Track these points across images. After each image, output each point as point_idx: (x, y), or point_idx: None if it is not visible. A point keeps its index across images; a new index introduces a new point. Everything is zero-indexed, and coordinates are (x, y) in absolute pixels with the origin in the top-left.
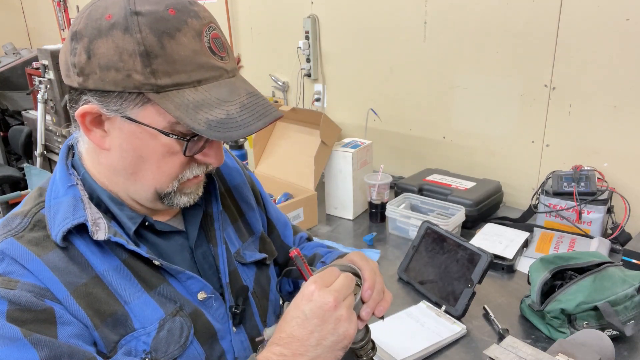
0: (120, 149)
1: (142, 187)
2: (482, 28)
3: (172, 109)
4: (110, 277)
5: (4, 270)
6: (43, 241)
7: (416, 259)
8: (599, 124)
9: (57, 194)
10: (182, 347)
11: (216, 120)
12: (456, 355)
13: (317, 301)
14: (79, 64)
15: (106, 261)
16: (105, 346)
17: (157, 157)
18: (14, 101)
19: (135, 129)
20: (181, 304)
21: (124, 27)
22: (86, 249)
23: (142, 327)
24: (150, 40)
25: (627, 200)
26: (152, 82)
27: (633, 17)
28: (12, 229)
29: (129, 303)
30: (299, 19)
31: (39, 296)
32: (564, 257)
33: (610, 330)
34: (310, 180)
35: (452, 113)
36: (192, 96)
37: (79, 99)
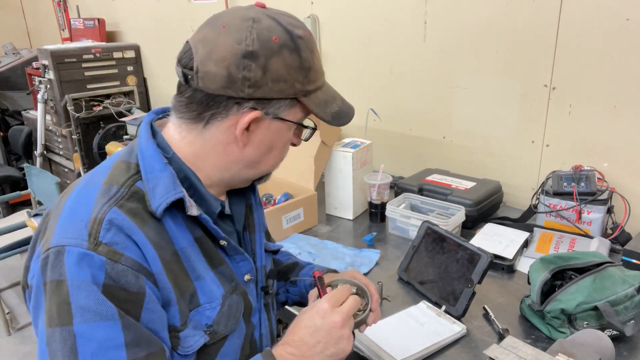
0: (258, 144)
1: (255, 172)
2: (482, 28)
3: (313, 107)
4: (186, 254)
5: (111, 239)
6: (140, 213)
7: (416, 259)
8: (599, 124)
9: (152, 169)
10: (236, 321)
11: (335, 112)
12: (456, 355)
13: (328, 319)
14: (253, 78)
15: (183, 238)
16: (179, 319)
17: (282, 146)
18: (14, 101)
19: (282, 125)
20: (235, 284)
21: (293, 47)
22: (172, 225)
23: (208, 302)
24: (308, 57)
25: (627, 200)
26: (306, 88)
27: (633, 17)
28: (112, 197)
29: (199, 279)
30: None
31: (137, 274)
32: (564, 257)
33: (610, 330)
34: (310, 180)
35: (452, 113)
36: (321, 96)
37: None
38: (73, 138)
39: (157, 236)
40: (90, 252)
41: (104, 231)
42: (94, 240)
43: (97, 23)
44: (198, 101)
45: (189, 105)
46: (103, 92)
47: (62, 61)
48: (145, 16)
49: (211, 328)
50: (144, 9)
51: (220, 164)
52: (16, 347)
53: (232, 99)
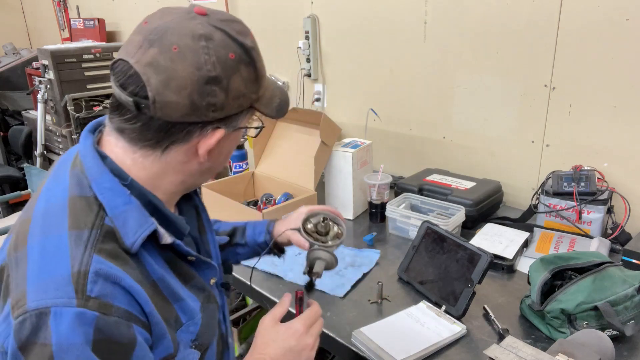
0: (217, 155)
1: (209, 177)
2: (482, 28)
3: (264, 109)
4: (163, 281)
5: (99, 292)
6: (119, 253)
7: (416, 259)
8: (599, 124)
9: (116, 204)
10: (215, 327)
11: (277, 105)
12: (456, 355)
13: (302, 342)
14: (218, 103)
15: (157, 264)
16: (172, 346)
17: (232, 148)
18: (14, 101)
19: (238, 133)
20: (207, 293)
21: (247, 62)
22: (147, 256)
23: (190, 319)
24: (261, 67)
25: (627, 200)
26: (258, 95)
27: (633, 17)
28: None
29: (178, 301)
30: (299, 19)
31: (128, 323)
32: (564, 257)
33: (610, 330)
34: (310, 180)
35: (452, 113)
36: (267, 94)
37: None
38: (73, 138)
39: (139, 274)
40: (82, 310)
41: (91, 284)
42: (82, 296)
43: (97, 23)
44: (156, 129)
45: (142, 132)
46: (103, 92)
47: (62, 61)
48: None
49: (197, 342)
50: (144, 9)
51: (177, 180)
52: None
53: (195, 124)
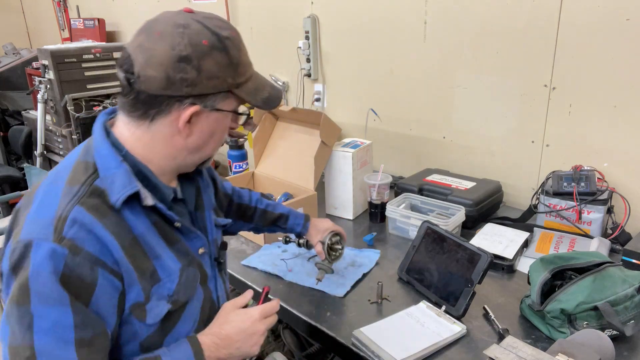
0: (200, 133)
1: (199, 157)
2: (482, 28)
3: (245, 96)
4: (144, 238)
5: (73, 235)
6: (100, 207)
7: (416, 259)
8: (599, 124)
9: (109, 167)
10: (194, 289)
11: (265, 97)
12: (456, 355)
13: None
14: (190, 79)
15: (141, 224)
16: (143, 295)
17: (221, 132)
18: (14, 101)
19: (219, 115)
20: (191, 257)
21: (221, 48)
22: (129, 214)
23: (167, 276)
24: (237, 55)
25: (627, 200)
26: (237, 81)
27: (633, 17)
28: (74, 196)
29: (157, 258)
30: (299, 19)
31: (93, 266)
32: (564, 257)
33: (610, 330)
34: (310, 180)
35: (452, 113)
36: (252, 86)
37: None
38: (73, 138)
39: (117, 226)
40: (55, 245)
41: (67, 227)
42: (58, 236)
43: (97, 23)
44: (142, 101)
45: (134, 105)
46: (103, 92)
47: (62, 61)
48: (145, 16)
49: (172, 297)
50: (144, 9)
51: (167, 153)
52: None
53: (173, 98)
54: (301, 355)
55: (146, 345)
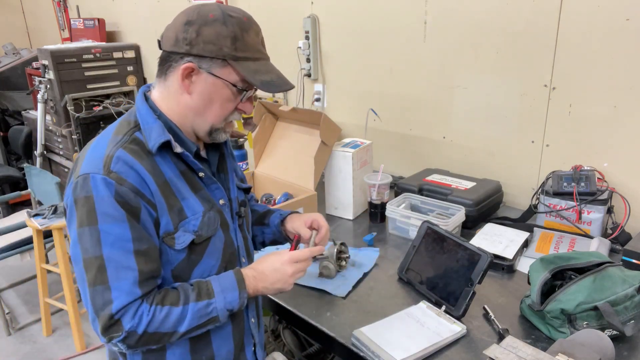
0: (200, 94)
1: (204, 122)
2: (482, 28)
3: (241, 70)
4: (173, 182)
5: (118, 169)
6: (139, 152)
7: (416, 259)
8: (599, 124)
9: (147, 121)
10: (214, 229)
11: (266, 81)
12: (456, 355)
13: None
14: (190, 38)
15: (171, 170)
16: (172, 226)
17: (221, 101)
18: (14, 101)
19: (215, 81)
20: (212, 204)
21: (223, 21)
22: (161, 161)
23: (193, 214)
24: (237, 31)
25: (627, 200)
26: (234, 54)
27: (633, 17)
28: (119, 141)
29: (184, 199)
30: (299, 19)
31: (135, 195)
32: (564, 257)
33: (610, 330)
34: (310, 180)
35: (452, 113)
36: (253, 66)
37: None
38: (73, 138)
39: (151, 167)
40: (105, 177)
41: (114, 164)
42: (107, 169)
43: (97, 23)
44: (162, 60)
45: (160, 65)
46: (103, 92)
47: (62, 61)
48: (145, 16)
49: (197, 232)
50: (144, 9)
51: (180, 111)
52: (16, 347)
53: (177, 54)
54: (301, 355)
55: (176, 274)
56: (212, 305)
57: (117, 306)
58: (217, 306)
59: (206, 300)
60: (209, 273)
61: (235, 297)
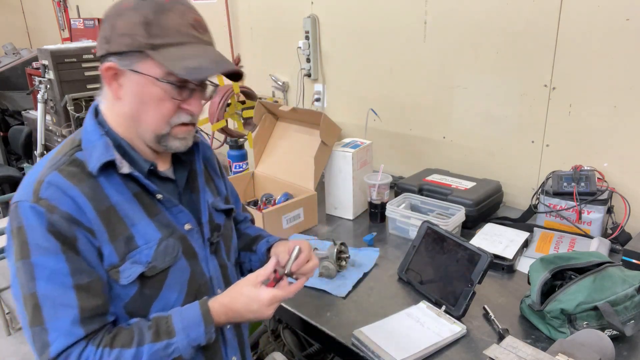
0: (129, 97)
1: (145, 130)
2: (482, 28)
3: (162, 60)
4: (122, 207)
5: (49, 196)
6: (78, 174)
7: (416, 259)
8: (599, 124)
9: (90, 140)
10: (173, 259)
11: (192, 66)
12: (456, 355)
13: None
14: (106, 35)
15: (120, 194)
16: (117, 256)
17: (154, 101)
18: (14, 101)
19: (139, 78)
20: (172, 230)
21: (134, 7)
22: (106, 184)
23: (145, 244)
24: (149, 15)
25: (627, 200)
26: (150, 42)
27: (633, 17)
28: (54, 164)
29: (135, 225)
30: (299, 19)
31: (70, 223)
32: (564, 257)
33: (610, 330)
34: (310, 180)
35: (452, 113)
36: (175, 52)
37: (104, 61)
38: None
39: (93, 192)
40: (33, 205)
41: (43, 190)
42: (36, 196)
43: (97, 23)
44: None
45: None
46: None
47: (62, 61)
48: None
49: (150, 263)
50: None
51: (122, 122)
52: (16, 347)
53: (102, 57)
54: (301, 355)
55: (130, 309)
56: (172, 346)
57: (56, 350)
58: (179, 346)
59: (165, 341)
60: (171, 308)
61: (200, 333)
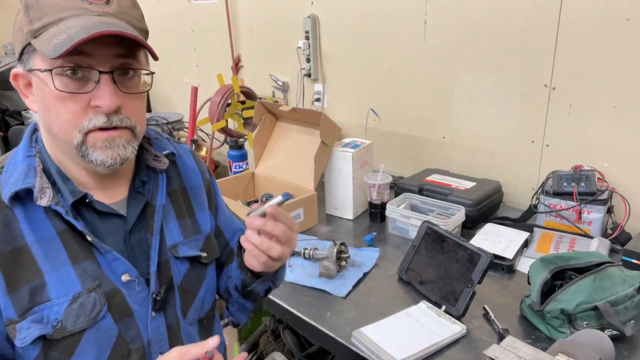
0: (38, 104)
1: (58, 140)
2: (482, 28)
3: (39, 46)
4: (38, 248)
5: None
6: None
7: (416, 259)
8: (599, 124)
9: (15, 161)
10: (91, 320)
11: (59, 42)
12: (456, 355)
13: None
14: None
15: (40, 231)
16: (15, 311)
17: (54, 103)
18: (14, 101)
19: (35, 78)
20: (100, 282)
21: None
22: (23, 218)
23: (57, 298)
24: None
25: (627, 200)
26: (31, 28)
27: (633, 17)
28: None
29: (49, 273)
30: (299, 19)
31: None
32: (564, 257)
33: (610, 330)
34: (310, 180)
35: (452, 113)
36: (52, 31)
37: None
38: None
39: (1, 227)
40: None
41: None
42: None
43: None
44: None
45: None
46: None
47: None
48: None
49: (60, 323)
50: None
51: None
52: None
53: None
54: (301, 355)
55: None
56: None
57: None
58: None
59: None
60: None
61: None
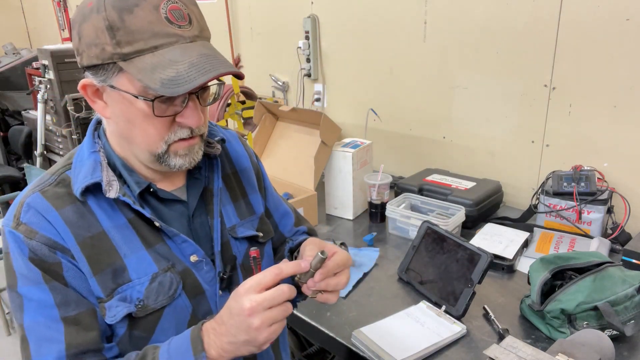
0: (116, 116)
1: (140, 150)
2: (482, 28)
3: (135, 73)
4: (114, 234)
5: (28, 220)
6: (63, 196)
7: (416, 259)
8: (599, 124)
9: (82, 157)
10: (170, 297)
11: (167, 78)
12: (456, 355)
13: (237, 304)
14: (76, 48)
15: (113, 219)
16: (102, 291)
17: (140, 120)
18: (14, 101)
19: (118, 95)
20: (173, 263)
21: (96, 8)
22: (97, 207)
23: (138, 278)
24: (112, 16)
25: (627, 200)
26: (119, 51)
27: (633, 17)
28: (41, 184)
29: (128, 257)
30: (299, 19)
31: (52, 249)
32: (564, 257)
33: (610, 330)
34: (310, 180)
35: (452, 113)
36: (150, 60)
37: (83, 76)
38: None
39: (76, 216)
40: (12, 230)
41: (23, 213)
42: (16, 220)
43: None
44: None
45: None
46: None
47: (62, 61)
48: None
49: (142, 302)
50: None
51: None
52: (16, 347)
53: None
54: (301, 355)
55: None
56: None
57: None
58: None
59: None
60: None
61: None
